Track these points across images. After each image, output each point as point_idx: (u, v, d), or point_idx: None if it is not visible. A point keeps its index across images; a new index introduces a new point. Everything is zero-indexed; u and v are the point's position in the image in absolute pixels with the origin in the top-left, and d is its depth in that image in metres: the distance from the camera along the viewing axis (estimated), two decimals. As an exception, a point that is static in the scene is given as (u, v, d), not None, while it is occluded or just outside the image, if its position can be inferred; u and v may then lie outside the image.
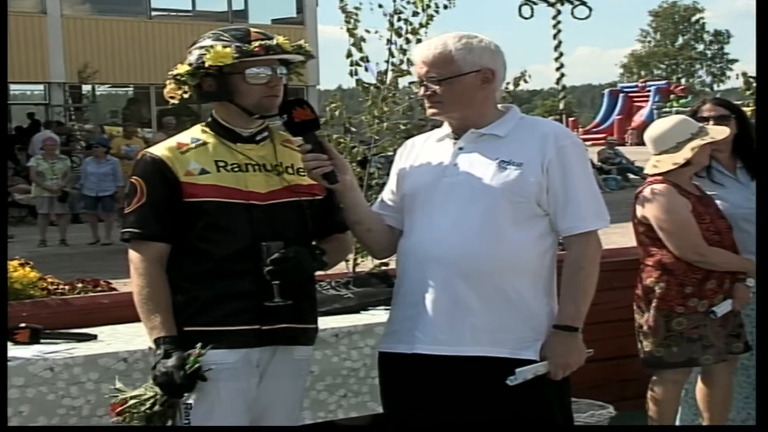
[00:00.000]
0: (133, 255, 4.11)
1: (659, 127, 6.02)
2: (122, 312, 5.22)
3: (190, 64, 4.15)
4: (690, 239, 5.78)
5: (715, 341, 5.84)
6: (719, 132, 5.93)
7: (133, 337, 5.05)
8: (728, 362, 5.98)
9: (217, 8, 38.85)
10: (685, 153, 5.80)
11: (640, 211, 5.90)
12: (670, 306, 5.82)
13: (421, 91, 4.23)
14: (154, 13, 37.60)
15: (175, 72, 4.20)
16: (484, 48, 4.18)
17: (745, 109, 7.69)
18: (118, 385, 4.15)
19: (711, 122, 6.07)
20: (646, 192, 5.89)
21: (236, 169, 4.14)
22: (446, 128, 4.30)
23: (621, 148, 36.25)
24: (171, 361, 3.94)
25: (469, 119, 4.20)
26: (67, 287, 6.08)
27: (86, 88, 36.58)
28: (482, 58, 4.16)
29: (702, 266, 5.80)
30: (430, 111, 4.25)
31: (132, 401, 4.01)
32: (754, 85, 8.77)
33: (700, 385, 6.04)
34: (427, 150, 4.30)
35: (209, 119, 4.27)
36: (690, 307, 5.81)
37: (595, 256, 4.19)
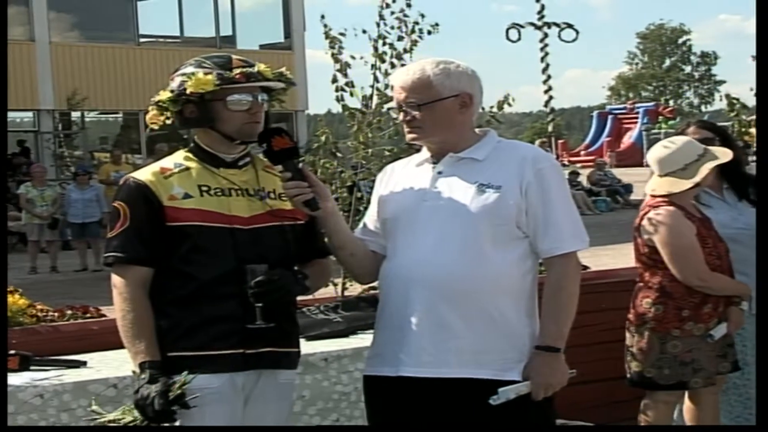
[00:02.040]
0: (116, 279, 4.12)
1: (665, 148, 5.94)
2: (112, 338, 5.18)
3: (171, 91, 4.17)
4: (694, 265, 5.77)
5: (706, 365, 5.84)
6: (725, 154, 5.92)
7: (122, 363, 5.03)
8: (721, 380, 5.99)
9: (205, 34, 38.90)
10: (700, 174, 5.79)
11: (645, 233, 5.87)
12: (667, 328, 5.82)
13: (401, 116, 4.26)
14: (142, 40, 37.63)
15: (157, 98, 4.23)
16: (461, 73, 4.22)
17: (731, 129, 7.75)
18: (94, 407, 4.16)
19: None
20: (653, 214, 5.86)
21: (219, 194, 4.16)
22: (425, 153, 4.32)
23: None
24: (155, 387, 3.93)
25: (448, 143, 4.22)
26: (56, 314, 6.07)
27: (75, 114, 36.58)
28: (460, 83, 4.20)
29: (702, 291, 5.81)
30: (409, 136, 4.27)
31: (111, 425, 4.01)
32: (737, 106, 8.84)
33: (687, 405, 6.05)
34: (406, 175, 4.33)
35: (191, 144, 4.29)
36: (686, 331, 5.81)
37: (575, 276, 4.21)
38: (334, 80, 6.82)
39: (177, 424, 4.00)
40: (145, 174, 4.18)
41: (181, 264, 4.09)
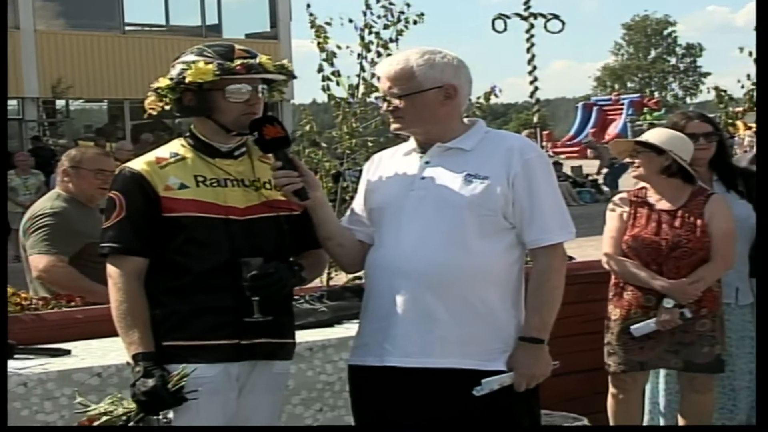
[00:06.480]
0: (111, 269, 4.11)
1: None
2: (96, 327, 5.20)
3: (171, 79, 4.17)
4: (605, 245, 5.98)
5: (618, 349, 5.96)
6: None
7: (107, 352, 5.03)
8: (696, 380, 6.02)
9: (191, 23, 38.82)
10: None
11: None
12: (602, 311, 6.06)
13: (384, 106, 4.26)
14: (127, 28, 37.53)
15: (156, 85, 4.21)
16: (446, 64, 4.21)
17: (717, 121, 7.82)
18: (80, 399, 4.16)
19: (701, 139, 6.14)
20: None
21: (215, 184, 4.15)
22: (412, 142, 4.33)
23: (582, 161, 36.38)
24: (152, 381, 3.93)
25: (433, 134, 4.22)
26: (40, 302, 6.04)
27: (60, 102, 36.48)
28: (444, 74, 4.19)
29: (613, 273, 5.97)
30: (393, 126, 4.29)
31: (104, 418, 4.00)
32: (725, 98, 8.89)
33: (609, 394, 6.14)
34: (394, 164, 4.33)
35: (187, 134, 4.28)
36: (606, 313, 6.01)
37: (560, 268, 4.22)
38: (320, 70, 6.80)
39: (170, 415, 4.00)
40: (140, 164, 4.17)
41: (177, 255, 4.09)
